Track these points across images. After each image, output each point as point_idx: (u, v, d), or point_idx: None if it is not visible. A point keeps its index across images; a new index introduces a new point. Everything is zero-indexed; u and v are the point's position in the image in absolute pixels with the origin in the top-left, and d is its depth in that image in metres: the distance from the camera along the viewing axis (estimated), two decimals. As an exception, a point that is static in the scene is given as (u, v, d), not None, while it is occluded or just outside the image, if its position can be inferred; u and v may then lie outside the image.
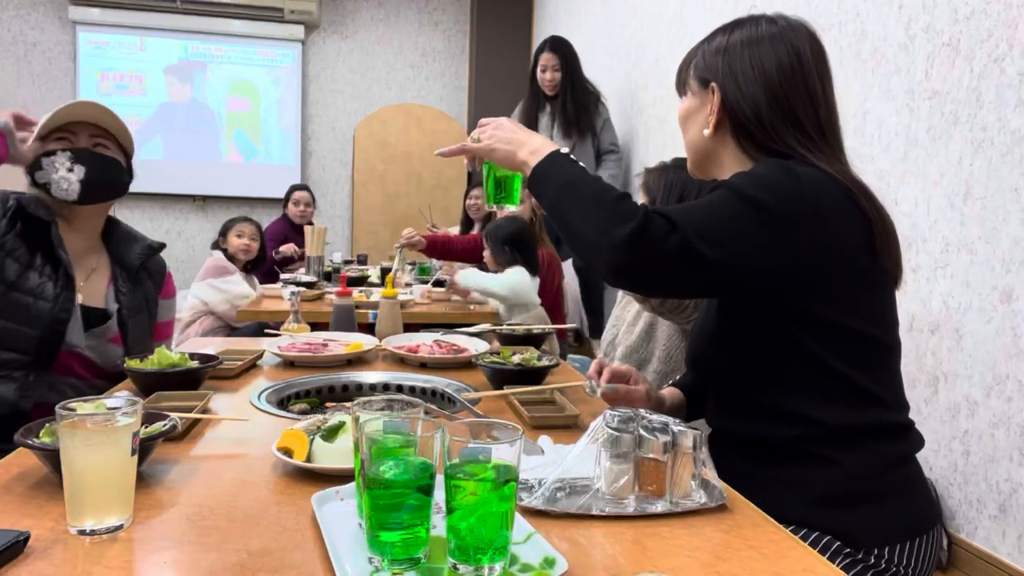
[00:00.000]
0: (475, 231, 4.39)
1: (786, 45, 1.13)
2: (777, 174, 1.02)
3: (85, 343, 1.49)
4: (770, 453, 1.08)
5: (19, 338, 1.41)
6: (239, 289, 3.25)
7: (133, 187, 1.66)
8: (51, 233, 1.46)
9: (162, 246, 1.73)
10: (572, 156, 1.11)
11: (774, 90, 1.11)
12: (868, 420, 1.04)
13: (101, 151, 1.55)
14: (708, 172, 1.21)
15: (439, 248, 3.59)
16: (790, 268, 1.00)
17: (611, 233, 0.96)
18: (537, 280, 2.69)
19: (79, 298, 1.50)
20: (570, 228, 1.03)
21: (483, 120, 1.23)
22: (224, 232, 3.58)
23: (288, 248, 4.41)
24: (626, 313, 1.75)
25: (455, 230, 4.78)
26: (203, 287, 3.27)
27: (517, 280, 2.56)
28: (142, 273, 1.67)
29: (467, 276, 2.69)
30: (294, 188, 5.00)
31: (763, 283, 1.02)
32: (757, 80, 1.12)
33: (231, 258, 3.50)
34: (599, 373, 1.26)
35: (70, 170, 1.47)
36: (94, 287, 1.58)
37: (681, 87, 1.23)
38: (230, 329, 3.28)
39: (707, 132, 1.15)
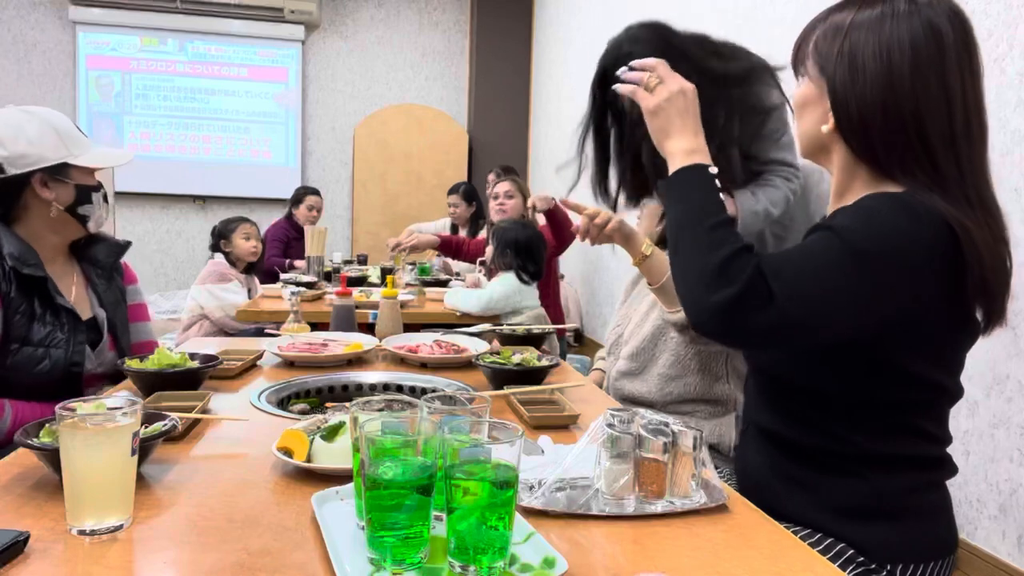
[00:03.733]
0: (462, 234, 4.49)
1: (919, 26, 0.95)
2: (898, 219, 0.91)
3: (94, 364, 1.54)
4: (799, 456, 1.06)
5: (41, 387, 1.45)
6: (236, 299, 3.23)
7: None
8: (48, 287, 1.48)
9: (128, 244, 1.76)
10: (713, 175, 1.03)
11: (896, 91, 0.94)
12: (908, 451, 1.01)
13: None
14: (820, 162, 1.11)
15: (452, 248, 3.66)
16: (886, 325, 0.94)
17: (706, 295, 0.93)
18: (533, 286, 2.70)
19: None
20: (673, 260, 1.02)
21: (652, 62, 1.10)
22: (225, 235, 3.46)
23: (302, 264, 4.32)
24: (632, 312, 1.74)
25: (440, 224, 4.85)
26: (202, 291, 3.25)
27: (495, 293, 2.61)
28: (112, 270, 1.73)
29: (450, 298, 2.77)
30: (308, 192, 4.94)
31: (852, 338, 0.96)
32: (875, 77, 0.95)
33: (233, 262, 3.45)
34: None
35: (104, 209, 1.58)
36: (78, 296, 1.60)
37: (797, 67, 1.07)
38: (227, 332, 3.28)
39: (826, 129, 1.02)
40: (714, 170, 1.03)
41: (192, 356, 1.41)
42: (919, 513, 1.02)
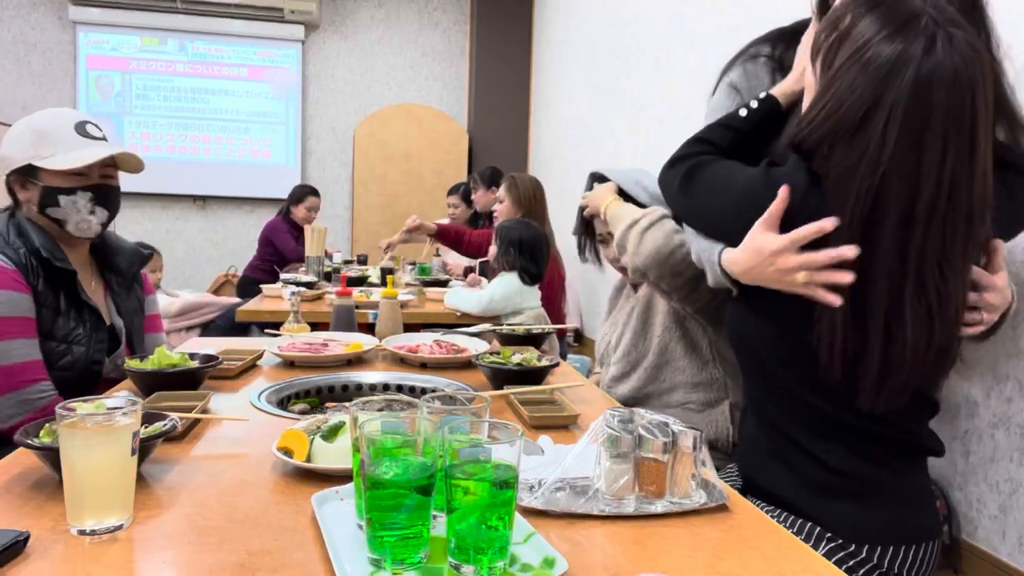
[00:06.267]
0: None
1: (915, 87, 0.83)
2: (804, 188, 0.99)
3: (109, 369, 1.53)
4: (780, 430, 1.10)
5: (61, 384, 1.43)
6: (161, 301, 3.19)
7: (133, 187, 1.66)
8: (76, 283, 1.47)
9: (150, 255, 1.73)
10: (751, 109, 1.22)
11: (866, 150, 0.87)
12: (883, 432, 1.04)
13: (109, 182, 1.55)
14: None
15: (451, 237, 3.66)
16: None
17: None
18: (535, 287, 2.70)
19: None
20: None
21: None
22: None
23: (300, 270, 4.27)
24: (617, 320, 1.76)
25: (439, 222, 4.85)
26: None
27: (495, 294, 2.63)
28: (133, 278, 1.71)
29: (450, 298, 2.79)
30: (310, 192, 4.92)
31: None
32: (844, 125, 0.89)
33: None
34: None
35: (91, 212, 1.49)
36: (96, 302, 1.59)
37: (815, 55, 1.01)
38: (201, 330, 3.23)
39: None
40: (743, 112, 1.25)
41: (192, 356, 1.40)
42: (891, 496, 1.04)
